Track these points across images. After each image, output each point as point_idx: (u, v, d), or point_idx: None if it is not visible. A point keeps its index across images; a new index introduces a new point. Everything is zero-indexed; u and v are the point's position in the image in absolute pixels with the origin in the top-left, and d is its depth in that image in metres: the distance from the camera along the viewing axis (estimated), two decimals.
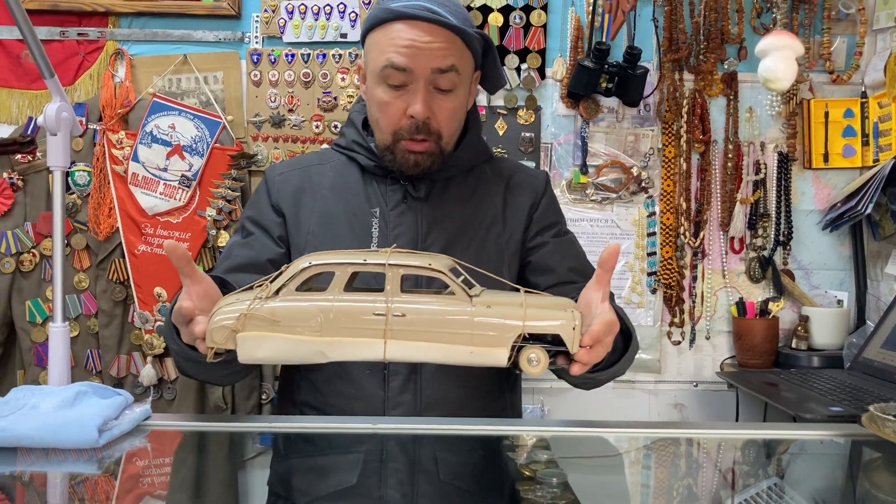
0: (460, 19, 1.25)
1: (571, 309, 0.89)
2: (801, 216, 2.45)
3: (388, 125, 1.28)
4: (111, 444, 1.01)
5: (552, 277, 1.34)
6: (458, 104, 1.30)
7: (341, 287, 0.88)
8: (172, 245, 0.95)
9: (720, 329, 2.45)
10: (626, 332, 1.15)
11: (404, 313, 0.86)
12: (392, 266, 0.87)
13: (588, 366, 0.93)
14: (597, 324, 0.93)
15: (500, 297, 0.90)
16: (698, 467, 1.08)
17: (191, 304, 0.97)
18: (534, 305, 0.88)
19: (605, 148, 2.43)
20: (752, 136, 2.44)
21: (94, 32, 2.35)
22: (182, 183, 2.29)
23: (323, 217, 1.33)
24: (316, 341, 0.86)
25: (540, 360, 0.87)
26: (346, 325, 0.86)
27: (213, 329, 0.88)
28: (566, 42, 2.41)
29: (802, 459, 1.12)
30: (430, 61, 1.23)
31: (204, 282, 1.01)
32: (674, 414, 2.45)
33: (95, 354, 2.34)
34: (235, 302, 0.89)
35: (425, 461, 1.00)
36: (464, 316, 0.86)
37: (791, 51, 1.91)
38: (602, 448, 1.08)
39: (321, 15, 2.36)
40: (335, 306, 0.86)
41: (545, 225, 1.40)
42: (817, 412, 1.68)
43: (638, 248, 2.44)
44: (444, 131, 1.29)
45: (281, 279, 0.89)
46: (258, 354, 0.88)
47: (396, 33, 1.23)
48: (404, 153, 1.28)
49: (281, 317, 0.87)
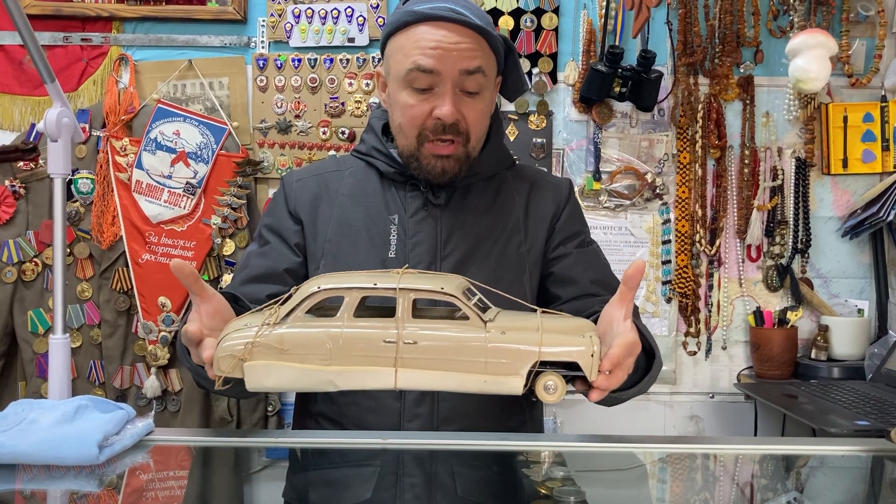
0: (484, 22, 1.23)
1: (590, 333, 0.87)
2: (819, 223, 2.41)
3: (411, 127, 1.24)
4: (113, 460, 0.99)
5: (575, 289, 1.31)
6: (486, 107, 1.28)
7: (351, 312, 0.86)
8: (179, 264, 0.93)
9: (737, 339, 2.42)
10: (650, 350, 1.11)
11: (416, 340, 0.84)
12: (403, 290, 0.85)
13: (607, 392, 0.91)
14: (616, 346, 0.90)
15: (516, 321, 0.88)
16: (716, 482, 1.05)
17: (198, 327, 0.95)
18: (551, 330, 0.86)
19: (619, 154, 2.39)
20: (768, 141, 2.40)
21: (98, 38, 2.33)
22: (187, 190, 2.26)
23: (340, 224, 1.31)
24: (325, 370, 0.85)
25: (557, 388, 0.85)
26: (356, 354, 0.85)
27: (220, 358, 0.87)
28: (578, 46, 2.38)
29: (823, 473, 1.08)
30: (458, 63, 1.20)
31: (214, 300, 0.98)
32: (690, 426, 2.41)
33: (98, 365, 2.31)
34: (243, 328, 0.87)
35: (441, 476, 0.98)
36: (477, 343, 0.84)
37: (824, 49, 1.86)
38: (619, 463, 1.06)
39: (328, 19, 2.32)
40: (344, 333, 0.85)
41: (568, 234, 1.36)
42: (842, 426, 1.64)
43: (652, 256, 2.40)
44: (472, 134, 1.26)
45: (290, 304, 0.88)
46: (267, 383, 0.86)
47: (422, 35, 1.20)
48: (430, 159, 1.25)
49: (289, 345, 0.85)
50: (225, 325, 0.95)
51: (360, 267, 1.25)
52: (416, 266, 1.25)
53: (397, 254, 1.27)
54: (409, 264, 1.25)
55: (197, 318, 0.97)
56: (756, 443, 1.26)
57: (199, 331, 0.94)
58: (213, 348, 0.90)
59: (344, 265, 1.27)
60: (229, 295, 1.10)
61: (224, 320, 0.96)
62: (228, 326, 0.90)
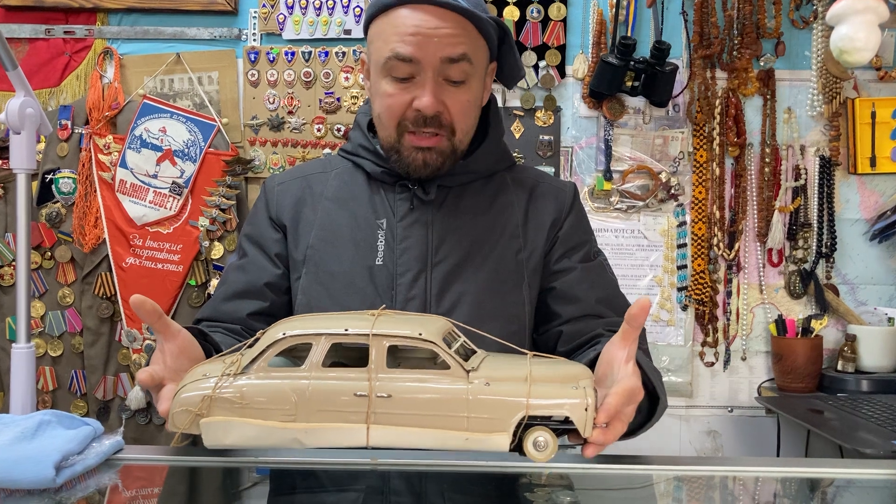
0: (472, 3, 1.16)
1: (585, 383, 0.82)
2: (845, 226, 2.36)
3: (390, 118, 1.19)
4: (74, 482, 0.92)
5: (578, 308, 1.25)
6: (472, 97, 1.21)
7: (319, 361, 0.82)
8: (140, 300, 0.88)
9: (757, 349, 2.37)
10: (653, 391, 1.06)
11: (390, 393, 0.80)
12: (377, 337, 0.81)
13: (603, 447, 0.85)
14: (614, 394, 0.85)
15: (502, 369, 0.84)
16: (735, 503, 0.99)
17: (159, 370, 0.91)
18: (540, 379, 0.82)
19: (631, 152, 2.34)
20: (791, 138, 2.35)
21: (82, 30, 2.28)
22: (173, 190, 2.20)
23: (324, 230, 1.25)
24: (289, 427, 0.80)
25: (548, 445, 0.80)
26: (324, 409, 0.80)
27: (175, 413, 0.83)
28: (588, 37, 2.34)
29: (852, 497, 1.00)
30: (439, 49, 1.13)
31: (179, 337, 0.94)
32: (707, 442, 2.36)
33: (80, 375, 2.26)
34: (201, 378, 0.83)
35: (432, 499, 0.92)
36: (459, 396, 0.80)
37: (874, 14, 1.71)
38: (630, 484, 1.00)
39: (323, 10, 2.27)
40: (311, 386, 0.81)
41: (572, 246, 1.30)
42: (876, 445, 1.56)
43: (667, 260, 2.34)
44: (457, 126, 1.20)
45: (253, 351, 0.83)
46: (226, 441, 0.82)
47: (401, 20, 1.14)
48: (411, 151, 1.19)
49: (250, 399, 0.81)
50: (190, 364, 0.92)
51: (344, 274, 1.21)
52: (404, 273, 1.20)
53: (385, 260, 1.21)
54: (398, 271, 1.20)
55: (160, 358, 0.93)
56: (777, 464, 1.19)
57: (150, 378, 0.90)
58: (170, 400, 0.86)
59: (327, 273, 1.22)
60: (196, 330, 1.05)
61: (189, 359, 0.93)
62: (187, 376, 0.86)
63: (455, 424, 0.80)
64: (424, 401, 0.80)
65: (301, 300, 1.23)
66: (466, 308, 1.19)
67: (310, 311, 1.22)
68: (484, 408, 0.80)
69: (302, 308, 1.24)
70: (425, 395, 0.80)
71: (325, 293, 1.21)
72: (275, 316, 1.25)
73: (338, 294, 1.21)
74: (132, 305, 0.89)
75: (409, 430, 0.80)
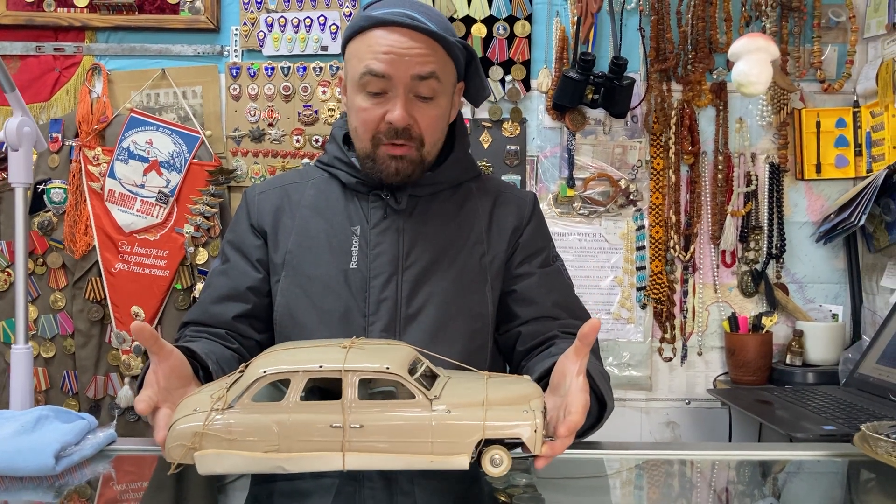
0: (442, 28, 1.23)
1: (535, 406, 0.88)
2: (793, 228, 2.41)
3: (365, 131, 1.25)
4: (72, 471, 0.99)
5: (535, 310, 1.31)
6: (440, 113, 1.27)
7: (297, 395, 0.87)
8: (139, 326, 0.93)
9: (712, 345, 2.41)
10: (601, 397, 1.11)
11: (362, 424, 0.85)
12: (348, 371, 0.86)
13: (552, 458, 0.91)
14: (576, 413, 0.90)
15: (461, 395, 0.89)
16: (692, 488, 1.04)
17: (153, 395, 0.95)
18: (496, 402, 0.87)
19: (593, 160, 2.39)
20: (742, 146, 2.40)
21: (71, 47, 2.33)
22: (159, 199, 2.25)
23: (301, 236, 1.31)
24: (273, 457, 0.86)
25: (503, 461, 0.86)
26: (303, 439, 0.86)
27: (170, 447, 0.88)
28: (551, 53, 2.38)
29: (799, 479, 1.08)
30: (410, 67, 1.20)
31: (171, 357, 0.99)
32: (666, 432, 2.41)
33: (72, 376, 2.30)
34: (192, 413, 0.88)
35: (401, 483, 0.97)
36: (423, 423, 0.86)
37: (765, 53, 1.84)
38: (587, 470, 1.05)
39: (301, 27, 2.32)
40: (291, 419, 0.86)
41: (531, 252, 1.36)
42: (810, 431, 1.63)
43: (627, 262, 2.40)
44: (426, 138, 1.26)
45: (237, 388, 0.88)
46: (218, 469, 0.87)
47: (375, 40, 1.20)
48: (385, 159, 1.25)
49: (236, 434, 0.86)
50: (180, 383, 0.97)
51: (321, 278, 1.26)
52: (377, 276, 1.25)
53: (359, 264, 1.26)
54: (371, 274, 1.25)
55: (153, 379, 0.97)
56: (727, 449, 1.25)
57: (147, 406, 0.94)
58: (165, 429, 0.89)
59: (305, 277, 1.27)
60: (185, 349, 1.10)
61: (180, 378, 0.98)
62: (178, 410, 0.91)
63: (420, 449, 0.85)
64: (393, 428, 0.85)
65: (280, 301, 1.28)
66: (434, 308, 1.25)
67: (289, 312, 1.28)
68: (446, 433, 0.85)
69: (281, 309, 1.28)
70: (393, 423, 0.85)
71: (303, 295, 1.26)
72: (258, 317, 1.31)
73: (315, 296, 1.26)
74: (133, 332, 0.94)
75: (380, 455, 0.85)
